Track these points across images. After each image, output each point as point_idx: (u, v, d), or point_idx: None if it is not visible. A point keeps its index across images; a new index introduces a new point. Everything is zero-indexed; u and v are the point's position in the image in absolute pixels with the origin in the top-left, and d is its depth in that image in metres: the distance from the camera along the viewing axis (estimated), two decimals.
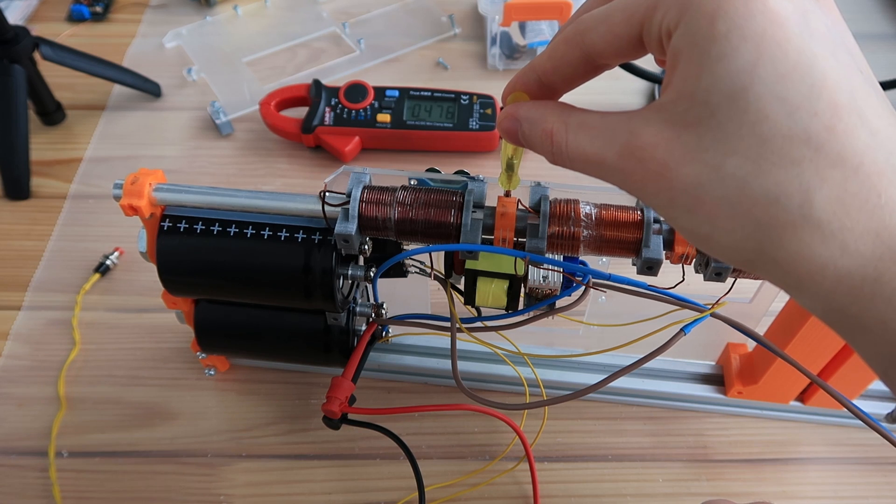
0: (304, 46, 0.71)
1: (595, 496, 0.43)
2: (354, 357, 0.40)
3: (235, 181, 0.60)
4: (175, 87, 0.68)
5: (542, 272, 0.35)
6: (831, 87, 0.19)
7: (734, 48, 0.19)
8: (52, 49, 0.60)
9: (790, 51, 0.19)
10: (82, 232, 0.56)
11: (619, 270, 0.33)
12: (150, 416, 0.46)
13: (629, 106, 0.66)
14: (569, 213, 0.32)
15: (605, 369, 0.46)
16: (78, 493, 0.42)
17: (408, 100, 0.60)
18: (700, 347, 0.46)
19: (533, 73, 0.26)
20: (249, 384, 0.47)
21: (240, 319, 0.41)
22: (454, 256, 0.36)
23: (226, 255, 0.35)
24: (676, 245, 0.32)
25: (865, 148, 0.19)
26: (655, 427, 0.46)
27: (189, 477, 0.43)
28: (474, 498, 0.42)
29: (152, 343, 0.49)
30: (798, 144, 0.19)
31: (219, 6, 0.76)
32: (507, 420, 0.41)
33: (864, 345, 0.21)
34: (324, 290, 0.36)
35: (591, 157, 0.23)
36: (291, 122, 0.60)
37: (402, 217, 0.33)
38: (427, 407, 0.43)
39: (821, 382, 0.34)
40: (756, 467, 0.44)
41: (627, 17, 0.22)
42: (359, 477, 0.43)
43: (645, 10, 0.21)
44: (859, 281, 0.19)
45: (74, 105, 0.66)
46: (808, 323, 0.37)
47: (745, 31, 0.19)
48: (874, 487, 0.43)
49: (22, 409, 0.46)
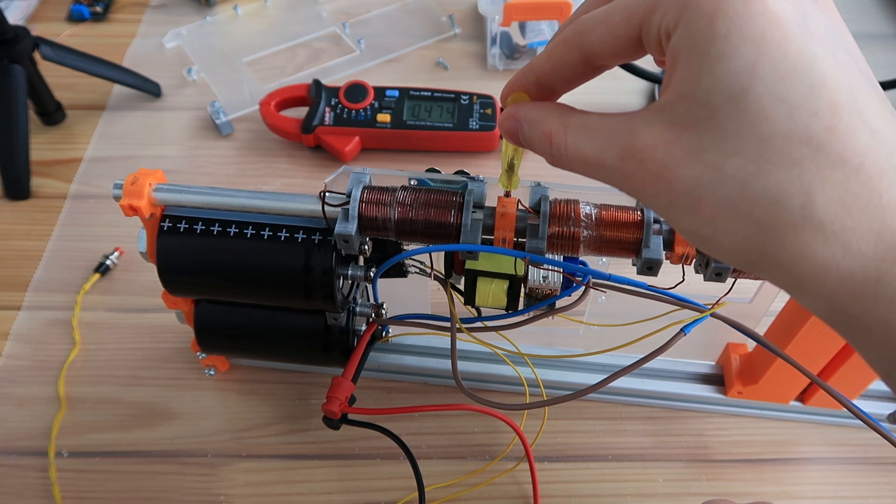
0: (304, 46, 0.71)
1: (595, 496, 0.43)
2: (354, 357, 0.40)
3: (235, 181, 0.60)
4: (175, 87, 0.68)
5: (542, 272, 0.35)
6: (831, 88, 0.19)
7: (734, 49, 0.19)
8: (52, 49, 0.60)
9: (790, 51, 0.19)
10: (82, 232, 0.56)
11: (619, 270, 0.33)
12: (150, 416, 0.46)
13: (629, 106, 0.66)
14: (569, 213, 0.32)
15: (605, 369, 0.46)
16: (78, 493, 0.42)
17: (408, 100, 0.60)
18: (700, 347, 0.46)
19: (532, 73, 0.26)
20: (249, 384, 0.47)
21: (240, 319, 0.41)
22: (454, 256, 0.36)
23: (226, 256, 0.35)
24: (676, 245, 0.32)
25: (866, 148, 0.19)
26: (655, 427, 0.46)
27: (189, 477, 0.43)
28: (474, 498, 0.42)
29: (152, 343, 0.49)
30: (799, 145, 0.19)
31: (219, 6, 0.76)
32: (507, 420, 0.41)
33: (866, 345, 0.21)
34: (324, 290, 0.36)
35: (591, 159, 0.23)
36: (291, 122, 0.60)
37: (402, 217, 0.33)
38: (427, 407, 0.43)
39: (820, 382, 0.34)
40: (756, 467, 0.44)
41: (626, 17, 0.22)
42: (359, 477, 0.43)
43: (644, 11, 0.21)
44: (862, 281, 0.19)
45: (74, 105, 0.66)
46: (808, 323, 0.37)
47: (745, 31, 0.19)
48: (874, 487, 0.43)
49: (22, 409, 0.46)
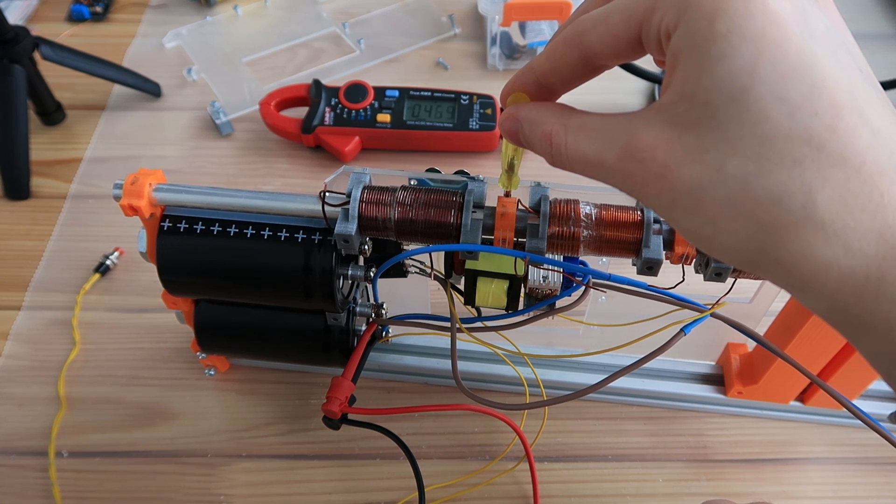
0: (304, 46, 0.71)
1: (595, 496, 0.43)
2: (354, 357, 0.40)
3: (235, 181, 0.60)
4: (175, 87, 0.68)
5: (542, 272, 0.35)
6: (832, 87, 0.19)
7: (734, 48, 0.19)
8: (52, 49, 0.60)
9: (790, 51, 0.19)
10: (82, 232, 0.56)
11: (619, 270, 0.33)
12: (150, 416, 0.46)
13: (629, 106, 0.66)
14: (569, 213, 0.32)
15: (605, 369, 0.46)
16: (78, 493, 0.42)
17: (408, 100, 0.60)
18: (700, 347, 0.46)
19: (531, 73, 0.26)
20: (249, 384, 0.47)
21: (240, 319, 0.41)
22: (454, 256, 0.36)
23: (226, 256, 0.35)
24: (676, 245, 0.32)
25: (867, 147, 0.19)
26: (655, 427, 0.46)
27: (189, 477, 0.43)
28: (474, 498, 0.42)
29: (152, 343, 0.49)
30: (799, 144, 0.19)
31: (219, 6, 0.76)
32: (507, 420, 0.41)
33: (867, 345, 0.21)
34: (324, 290, 0.36)
35: (591, 160, 0.23)
36: (291, 122, 0.60)
37: (402, 217, 0.33)
38: (427, 407, 0.43)
39: (820, 382, 0.34)
40: (756, 467, 0.44)
41: (626, 18, 0.22)
42: (359, 477, 0.43)
43: (644, 11, 0.21)
44: (863, 281, 0.19)
45: (74, 105, 0.66)
46: (809, 323, 0.37)
47: (745, 31, 0.19)
48: (874, 487, 0.43)
49: (22, 409, 0.46)
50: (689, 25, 0.20)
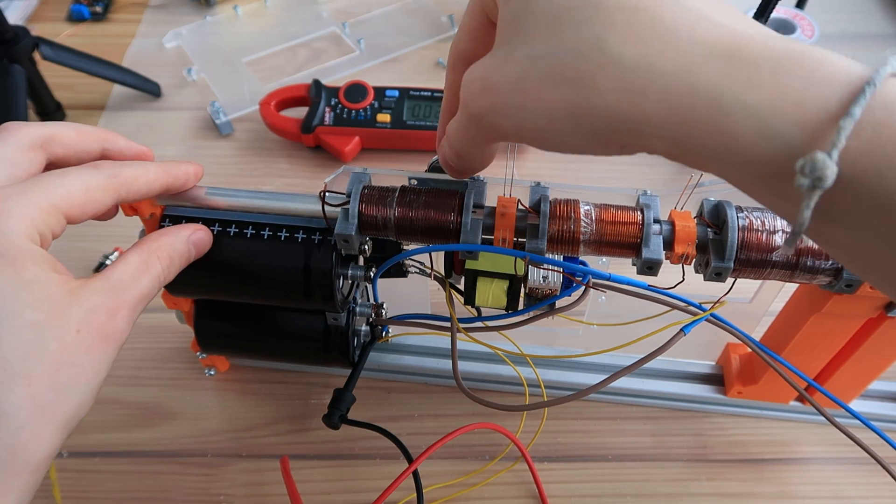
0: (304, 46, 0.71)
1: (595, 496, 0.43)
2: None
3: (235, 181, 0.59)
4: (175, 87, 0.68)
5: (542, 272, 0.34)
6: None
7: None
8: (52, 49, 0.60)
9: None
10: (82, 232, 0.55)
11: (619, 270, 0.33)
12: (150, 416, 0.46)
13: None
14: (569, 213, 0.32)
15: (605, 369, 0.46)
16: (78, 493, 0.42)
17: (408, 100, 0.60)
18: (700, 347, 0.46)
19: (442, 112, 0.32)
20: (249, 384, 0.47)
21: (240, 319, 0.41)
22: (454, 256, 0.36)
23: (225, 255, 0.35)
24: (676, 245, 0.32)
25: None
26: (655, 427, 0.46)
27: (189, 477, 0.43)
28: (474, 498, 0.42)
29: (152, 343, 0.49)
30: (582, 9, 0.22)
31: (219, 6, 0.76)
32: (503, 431, 0.41)
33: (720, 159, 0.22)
34: (324, 290, 0.36)
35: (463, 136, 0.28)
36: (291, 122, 0.60)
37: (402, 217, 0.33)
38: (428, 451, 0.39)
39: (805, 395, 0.34)
40: (756, 467, 0.44)
41: (471, 12, 0.28)
42: (359, 477, 0.43)
43: (478, 1, 0.27)
44: (675, 94, 0.21)
45: (74, 105, 0.66)
46: (808, 323, 0.37)
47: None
48: (874, 487, 0.43)
49: None
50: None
